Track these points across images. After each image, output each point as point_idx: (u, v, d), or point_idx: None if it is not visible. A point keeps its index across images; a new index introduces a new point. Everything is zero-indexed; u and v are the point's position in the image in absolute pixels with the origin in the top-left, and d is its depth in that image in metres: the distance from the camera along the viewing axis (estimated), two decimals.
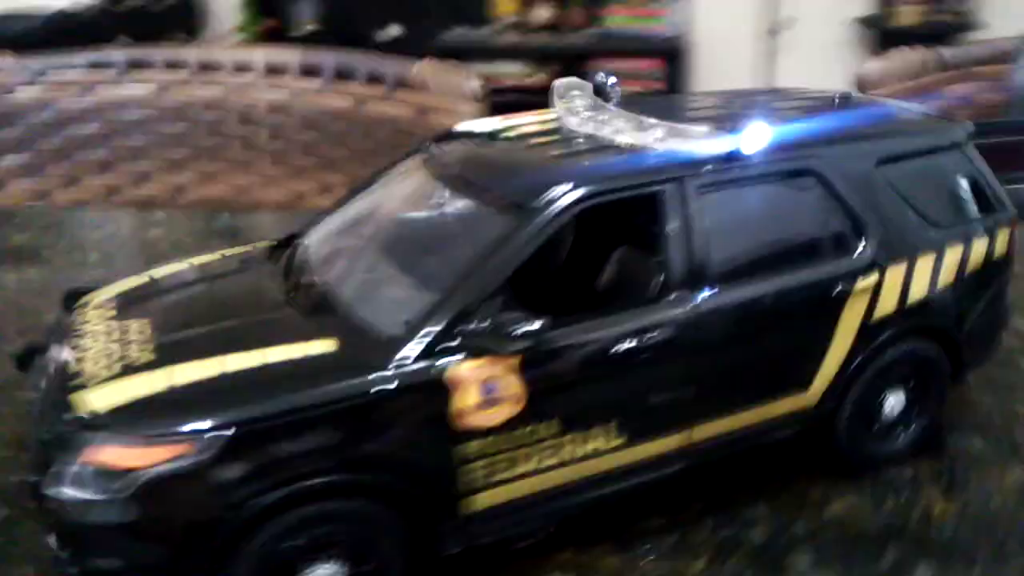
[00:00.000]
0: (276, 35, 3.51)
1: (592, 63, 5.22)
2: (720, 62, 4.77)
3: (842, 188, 0.94)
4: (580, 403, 0.85)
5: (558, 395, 0.83)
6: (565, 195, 0.83)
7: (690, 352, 0.87)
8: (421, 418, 0.80)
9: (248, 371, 0.79)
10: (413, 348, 0.79)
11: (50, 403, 0.82)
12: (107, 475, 0.74)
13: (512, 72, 3.90)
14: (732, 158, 0.88)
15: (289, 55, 2.73)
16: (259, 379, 0.78)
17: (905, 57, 3.06)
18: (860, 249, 0.95)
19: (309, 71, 2.71)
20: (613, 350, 0.84)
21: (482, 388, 0.80)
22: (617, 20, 4.92)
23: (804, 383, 0.96)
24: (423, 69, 2.69)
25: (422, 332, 0.79)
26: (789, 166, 0.92)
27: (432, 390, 0.79)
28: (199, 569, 0.76)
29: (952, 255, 1.00)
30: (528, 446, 0.84)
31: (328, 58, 2.73)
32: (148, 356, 0.82)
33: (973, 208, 1.02)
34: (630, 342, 0.84)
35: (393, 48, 3.37)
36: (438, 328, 0.79)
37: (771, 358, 0.94)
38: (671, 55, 4.87)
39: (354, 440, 0.77)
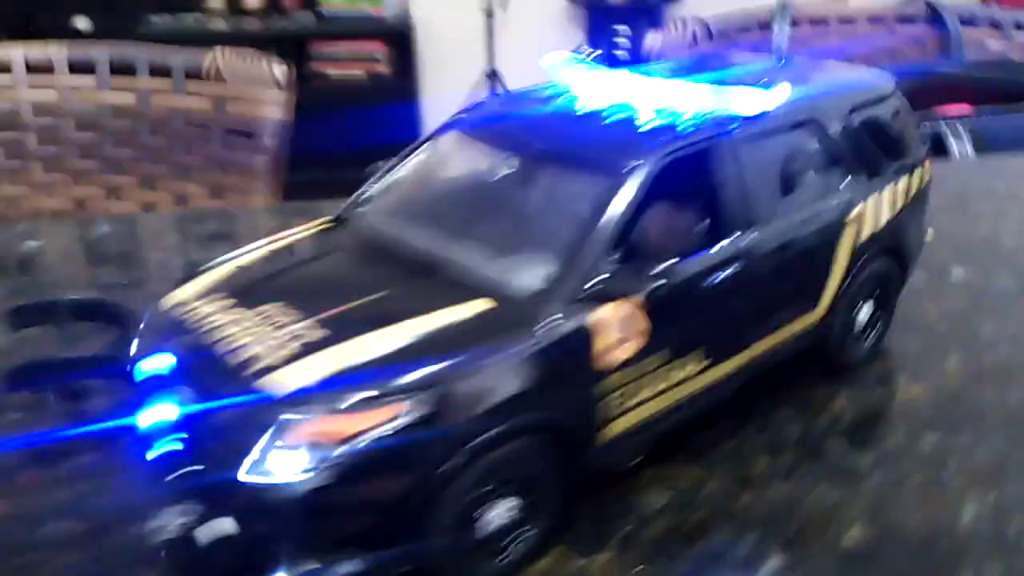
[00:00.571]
0: None
1: (313, 47, 5.28)
2: (442, 43, 4.98)
3: (834, 134, 1.13)
4: (682, 333, 0.97)
5: (669, 327, 0.94)
6: (655, 154, 0.95)
7: (749, 282, 1.01)
8: (575, 360, 0.89)
9: (427, 336, 0.84)
10: (560, 301, 0.88)
11: (218, 393, 0.82)
12: (322, 447, 0.77)
13: None
14: (765, 113, 1.03)
15: (54, 51, 2.57)
16: (441, 341, 0.83)
17: (680, 30, 3.36)
18: (849, 185, 1.15)
19: (79, 68, 2.56)
20: (704, 283, 0.97)
21: (617, 328, 0.91)
22: (334, 2, 4.98)
23: (816, 302, 1.14)
24: (219, 58, 2.63)
25: (565, 286, 0.88)
26: (798, 118, 1.09)
27: (581, 335, 0.88)
28: (404, 530, 0.81)
29: (902, 185, 1.22)
30: (646, 376, 0.96)
31: (101, 52, 2.59)
32: (319, 333, 0.84)
33: (909, 145, 1.25)
34: (713, 277, 0.97)
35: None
36: (578, 281, 0.88)
37: (797, 282, 1.11)
38: (393, 38, 5.03)
39: (529, 386, 0.85)
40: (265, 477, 0.77)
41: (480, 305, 0.87)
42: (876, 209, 1.18)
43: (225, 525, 0.82)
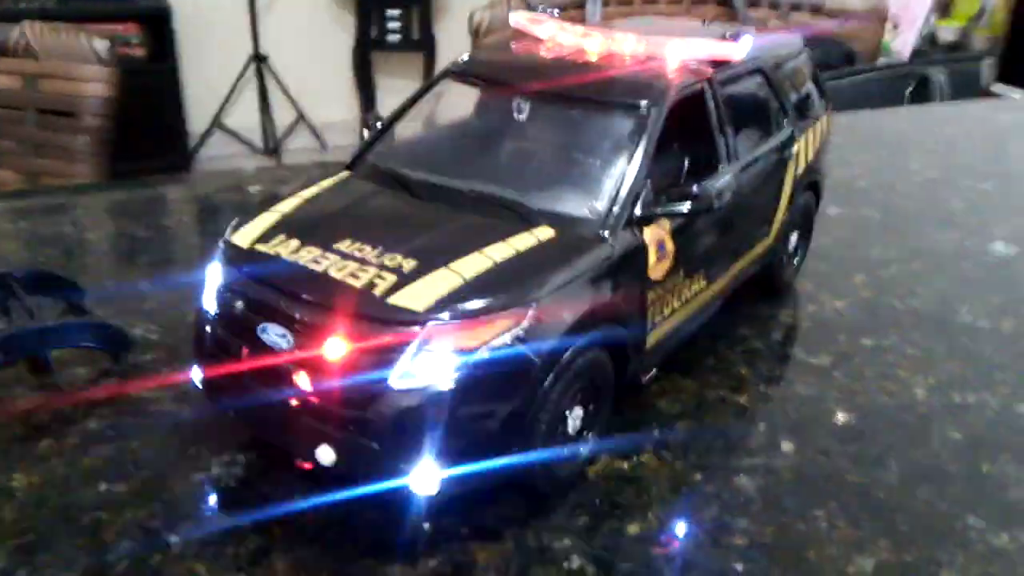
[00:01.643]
0: None
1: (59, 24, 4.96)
2: (203, 24, 4.87)
3: (774, 81, 1.29)
4: (692, 256, 1.09)
5: (684, 250, 1.06)
6: (669, 91, 1.06)
7: (734, 210, 1.15)
8: (636, 274, 0.98)
9: (511, 259, 0.90)
10: (615, 226, 0.97)
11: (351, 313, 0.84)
12: (461, 354, 0.83)
13: None
14: (733, 60, 1.16)
15: None
16: (527, 263, 0.90)
17: (506, 4, 3.49)
18: (788, 125, 1.31)
19: None
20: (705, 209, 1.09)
21: (657, 247, 1.02)
22: None
23: (769, 228, 1.30)
24: (28, 32, 2.48)
25: (616, 213, 0.97)
26: (751, 67, 1.24)
27: (640, 251, 0.98)
28: (516, 432, 0.88)
29: (818, 128, 1.41)
30: (670, 293, 1.07)
31: None
32: (412, 262, 0.88)
33: (820, 94, 1.44)
34: (712, 202, 1.09)
35: None
36: (626, 208, 0.98)
37: (761, 211, 1.26)
38: (149, 19, 4.84)
39: (606, 299, 0.94)
40: (415, 381, 0.82)
41: (544, 233, 0.95)
42: (806, 148, 1.36)
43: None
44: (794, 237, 1.40)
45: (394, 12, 5.18)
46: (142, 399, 1.09)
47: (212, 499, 0.94)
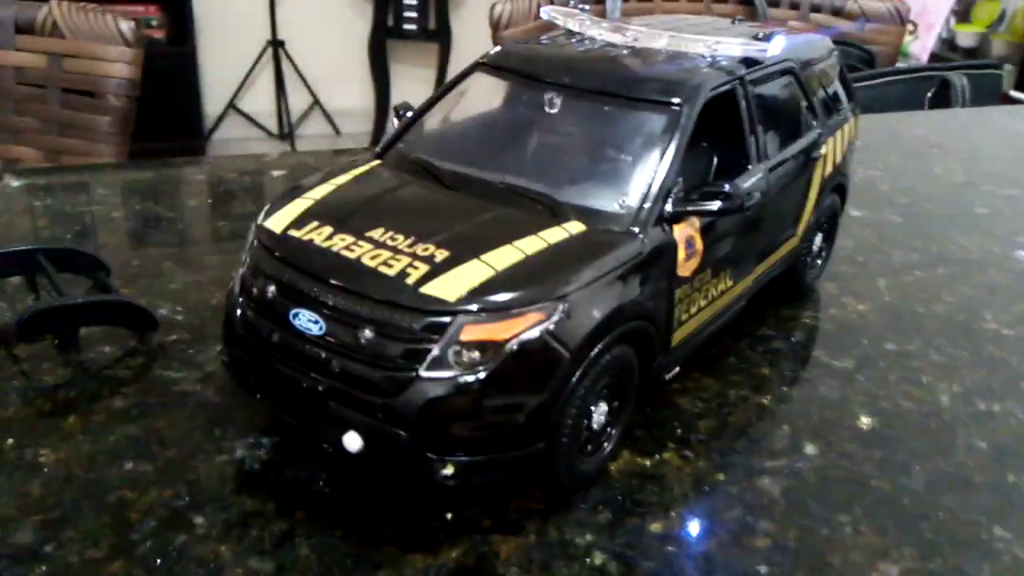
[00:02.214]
0: None
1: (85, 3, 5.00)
2: (222, 8, 4.88)
3: (804, 80, 1.28)
4: (719, 255, 1.09)
5: (711, 249, 1.06)
6: (702, 89, 1.05)
7: (762, 210, 1.15)
8: (665, 272, 0.98)
9: (542, 252, 0.90)
10: (646, 222, 0.97)
11: (383, 302, 0.84)
12: (491, 346, 0.83)
13: None
14: (765, 60, 1.16)
15: None
16: (558, 256, 0.90)
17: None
18: (818, 127, 1.31)
19: None
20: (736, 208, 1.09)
21: (686, 245, 1.01)
22: None
23: (795, 230, 1.30)
24: (55, 11, 2.48)
25: (648, 209, 0.97)
26: (782, 67, 1.23)
27: (670, 248, 0.98)
28: (541, 429, 0.88)
29: (845, 130, 1.40)
30: (697, 292, 1.07)
31: None
32: (444, 253, 0.88)
33: (847, 96, 1.43)
34: (743, 202, 1.09)
35: None
36: (657, 204, 0.97)
37: (786, 211, 1.26)
38: (169, 2, 4.85)
39: (630, 296, 0.94)
40: (445, 372, 0.82)
41: (574, 227, 0.94)
42: (834, 149, 1.35)
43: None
44: (819, 239, 1.40)
45: (411, 1, 5.18)
46: (168, 379, 1.09)
47: (237, 481, 0.94)
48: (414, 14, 5.19)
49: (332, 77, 5.26)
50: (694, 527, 0.92)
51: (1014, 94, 4.46)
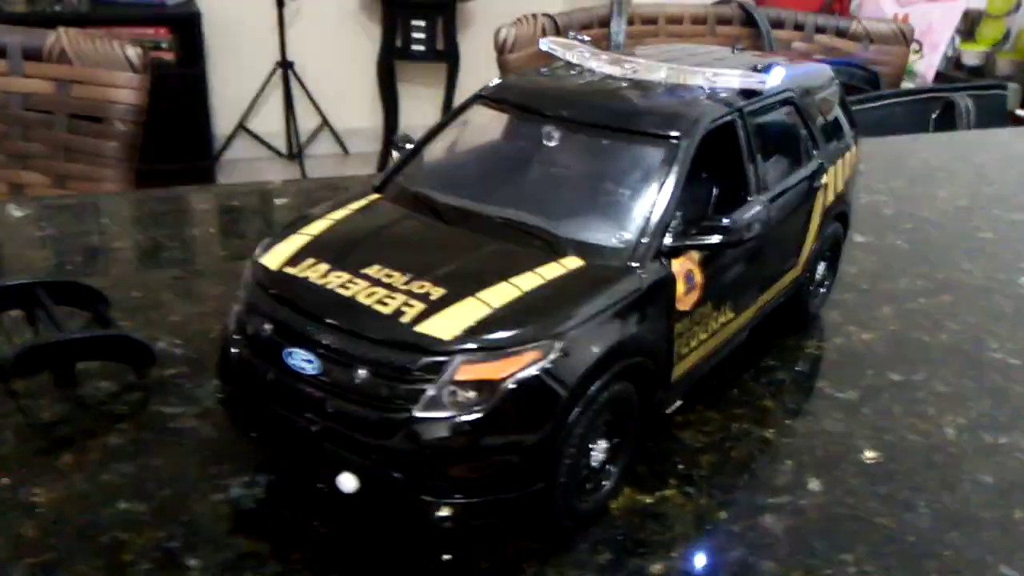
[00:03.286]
0: None
1: (93, 30, 5.05)
2: (232, 31, 4.93)
3: (803, 110, 1.28)
4: (720, 287, 1.08)
5: (711, 282, 1.05)
6: (701, 122, 1.05)
7: (763, 241, 1.14)
8: (664, 307, 0.97)
9: (539, 289, 0.89)
10: (644, 257, 0.96)
11: (379, 341, 0.84)
12: (487, 386, 0.82)
13: None
14: (764, 91, 1.15)
15: None
16: (555, 293, 0.89)
17: (531, 22, 3.49)
18: (818, 156, 1.30)
19: None
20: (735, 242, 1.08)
21: (685, 278, 1.01)
22: None
23: (797, 260, 1.29)
24: (63, 38, 2.50)
25: (646, 243, 0.96)
26: (782, 97, 1.23)
27: (669, 283, 0.97)
28: (538, 467, 0.87)
29: (847, 159, 1.40)
30: (697, 325, 1.06)
31: None
32: (440, 290, 0.87)
33: (848, 125, 1.43)
34: (743, 235, 1.08)
35: None
36: (656, 239, 0.97)
37: (787, 242, 1.25)
38: (179, 24, 4.90)
39: (633, 331, 0.93)
40: (440, 412, 0.81)
41: (572, 263, 0.94)
42: (834, 178, 1.34)
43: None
44: (821, 267, 1.39)
45: (419, 23, 5.23)
46: (165, 415, 1.08)
47: (232, 521, 0.93)
48: (422, 35, 5.23)
49: (341, 98, 5.30)
50: (696, 568, 0.91)
51: (1021, 113, 4.45)
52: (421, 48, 5.23)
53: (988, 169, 2.28)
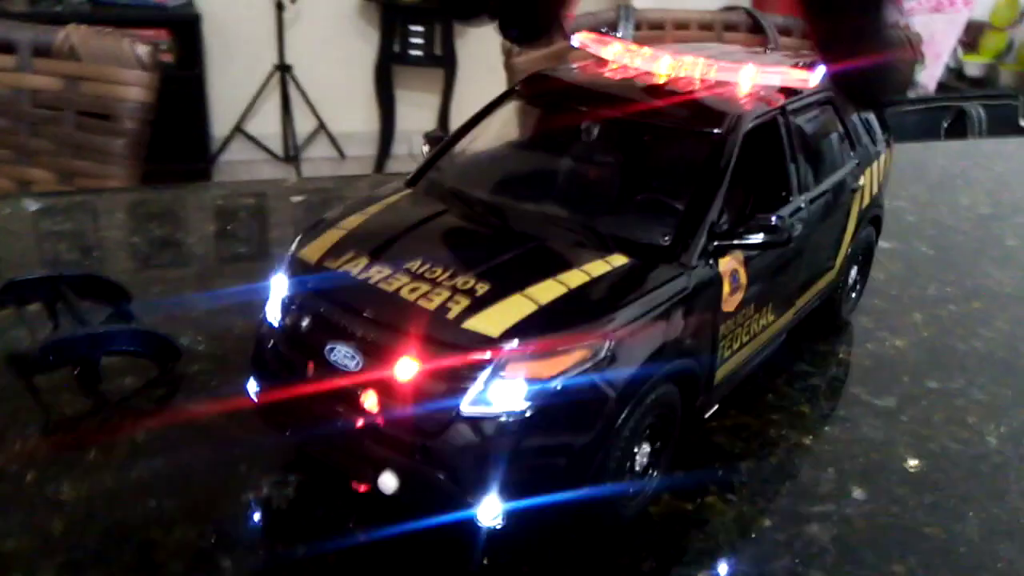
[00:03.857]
0: None
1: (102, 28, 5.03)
2: (231, 34, 4.91)
3: (842, 112, 1.26)
4: (762, 289, 1.05)
5: (754, 283, 1.03)
6: (745, 118, 1.03)
7: (803, 242, 1.12)
8: (710, 307, 0.95)
9: (586, 286, 0.87)
10: (691, 255, 0.93)
11: (424, 336, 0.81)
12: (535, 382, 0.79)
13: None
14: (810, 89, 1.13)
15: None
16: (602, 290, 0.87)
17: None
18: (855, 157, 1.28)
19: None
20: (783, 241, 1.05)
21: (731, 279, 0.98)
22: None
23: (834, 262, 1.26)
24: (72, 35, 2.47)
25: (693, 242, 0.94)
26: (822, 96, 1.21)
27: (716, 283, 0.95)
28: (584, 471, 0.84)
29: (881, 161, 1.38)
30: (741, 326, 1.03)
31: None
32: (485, 286, 0.85)
33: (882, 127, 1.41)
34: (790, 234, 1.05)
35: None
36: (703, 237, 0.94)
37: (826, 243, 1.22)
38: (179, 26, 4.88)
39: (676, 332, 0.90)
40: (487, 408, 0.79)
41: (617, 260, 0.91)
42: (870, 180, 1.32)
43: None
44: (854, 271, 1.37)
45: (417, 28, 5.21)
46: (191, 411, 1.05)
47: (264, 521, 0.90)
48: (420, 40, 5.21)
49: (338, 101, 5.28)
50: None
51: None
52: (419, 53, 5.21)
53: (1007, 177, 2.26)
